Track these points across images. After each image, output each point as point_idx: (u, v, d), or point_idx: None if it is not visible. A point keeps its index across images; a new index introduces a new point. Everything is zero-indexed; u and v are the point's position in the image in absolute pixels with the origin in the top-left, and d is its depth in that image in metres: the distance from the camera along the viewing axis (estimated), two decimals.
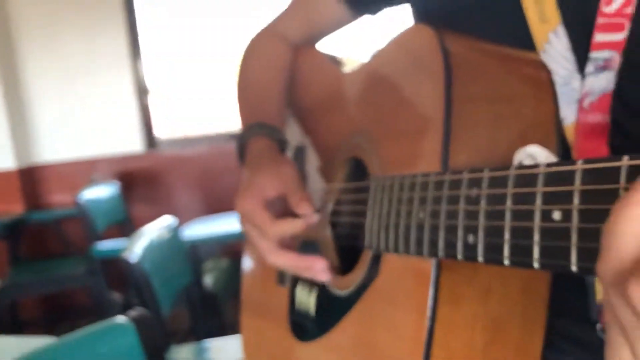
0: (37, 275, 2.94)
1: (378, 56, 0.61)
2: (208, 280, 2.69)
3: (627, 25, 0.52)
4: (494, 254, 0.35)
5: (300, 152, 0.79)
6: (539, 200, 0.32)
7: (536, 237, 0.32)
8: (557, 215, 0.30)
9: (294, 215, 0.59)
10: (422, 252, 0.43)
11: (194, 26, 3.54)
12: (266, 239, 0.60)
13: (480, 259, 0.36)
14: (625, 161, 0.27)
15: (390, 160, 0.55)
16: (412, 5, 0.70)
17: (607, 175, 0.28)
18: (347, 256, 0.63)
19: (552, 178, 0.31)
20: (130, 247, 1.55)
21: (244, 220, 0.63)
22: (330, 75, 0.76)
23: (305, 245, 0.70)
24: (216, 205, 3.35)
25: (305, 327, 0.67)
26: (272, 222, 0.59)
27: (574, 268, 0.29)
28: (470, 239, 0.37)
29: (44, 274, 2.94)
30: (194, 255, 2.56)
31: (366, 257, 0.55)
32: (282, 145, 0.71)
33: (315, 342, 0.64)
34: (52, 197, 3.42)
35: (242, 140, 0.72)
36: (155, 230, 1.75)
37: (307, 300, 0.67)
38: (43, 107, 3.40)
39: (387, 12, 0.78)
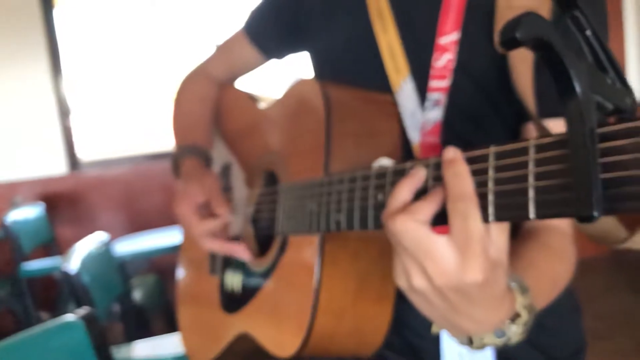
0: None
1: (282, 98, 0.84)
2: (136, 295, 2.79)
3: (450, 75, 0.76)
4: (350, 227, 0.58)
5: (227, 168, 1.00)
6: (371, 191, 0.55)
7: (370, 212, 0.54)
8: (380, 197, 0.53)
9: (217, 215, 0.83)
10: (312, 230, 0.65)
11: (116, 47, 3.64)
12: (200, 229, 0.83)
13: (344, 229, 0.59)
14: (492, 149, 0.43)
15: (294, 172, 0.77)
16: (310, 54, 0.93)
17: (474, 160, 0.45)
18: (265, 244, 0.84)
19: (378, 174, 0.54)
20: (68, 260, 1.67)
21: (181, 220, 0.85)
22: (248, 108, 0.98)
23: (234, 237, 0.91)
24: (140, 223, 3.46)
25: (233, 302, 0.87)
26: (198, 222, 0.84)
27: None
28: (339, 217, 0.59)
29: None
30: (122, 271, 2.67)
31: (277, 242, 0.77)
32: (207, 162, 0.93)
33: (240, 312, 0.84)
34: None
35: (176, 159, 0.94)
36: (89, 245, 1.88)
37: (234, 280, 0.88)
38: None
39: (290, 57, 1.01)
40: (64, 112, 3.54)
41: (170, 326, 2.66)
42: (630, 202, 0.32)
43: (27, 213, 3.04)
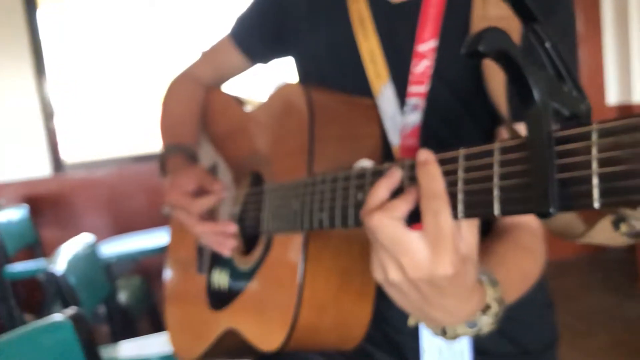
0: None
1: (267, 102, 0.87)
2: (122, 297, 2.80)
3: (428, 81, 0.79)
4: (332, 225, 0.61)
5: (214, 169, 1.03)
6: (352, 190, 0.58)
7: (351, 210, 0.57)
8: (360, 196, 0.56)
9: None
10: (296, 228, 0.68)
11: (100, 49, 3.64)
12: (191, 216, 0.84)
13: (326, 226, 0.62)
14: (462, 151, 0.47)
15: (279, 173, 0.79)
16: (294, 60, 0.96)
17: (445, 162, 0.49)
18: (251, 243, 0.87)
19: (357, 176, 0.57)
20: (54, 261, 1.69)
21: (173, 209, 0.87)
22: (234, 111, 1.00)
23: None
24: (125, 225, 3.46)
25: (220, 300, 0.90)
26: (192, 201, 0.85)
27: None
28: (321, 216, 0.63)
29: None
30: (108, 272, 2.68)
31: (262, 240, 0.80)
32: (193, 159, 0.95)
33: (227, 309, 0.87)
34: None
35: (163, 157, 0.96)
36: (75, 246, 1.89)
37: (221, 279, 0.90)
38: None
39: (276, 62, 1.04)
40: (47, 114, 3.53)
41: (156, 328, 2.68)
42: (583, 200, 0.36)
43: (10, 215, 3.03)
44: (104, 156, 3.68)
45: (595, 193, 0.35)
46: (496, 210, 0.41)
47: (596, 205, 0.35)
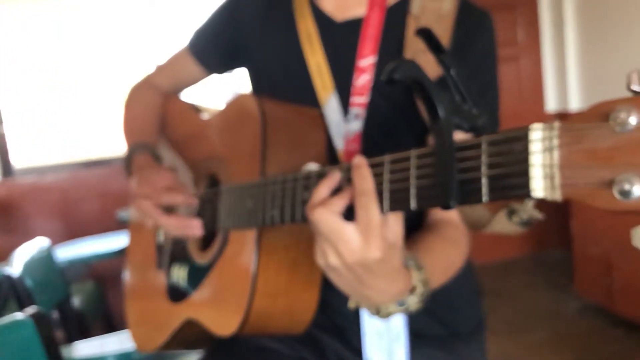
0: None
1: (224, 110, 0.95)
2: (76, 301, 2.80)
3: (368, 93, 0.89)
4: (282, 220, 0.69)
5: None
6: (299, 190, 0.67)
7: (298, 207, 0.66)
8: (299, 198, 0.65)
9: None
10: (250, 225, 0.76)
11: (51, 53, 3.62)
12: (157, 208, 0.87)
13: (277, 222, 0.70)
14: (387, 157, 0.57)
15: (234, 175, 0.88)
16: (248, 71, 1.04)
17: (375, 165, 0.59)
18: (208, 240, 0.94)
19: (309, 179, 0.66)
20: (10, 264, 1.71)
21: (138, 203, 0.89)
22: (192, 118, 1.08)
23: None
24: (77, 230, 3.45)
25: (179, 293, 0.97)
26: (163, 192, 0.87)
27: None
28: (273, 212, 0.71)
29: None
30: (62, 277, 2.68)
31: (219, 237, 0.88)
32: (158, 159, 1.01)
33: (186, 300, 0.94)
34: None
35: (128, 157, 1.02)
36: (31, 250, 1.91)
37: (180, 274, 0.98)
38: None
39: (231, 73, 1.12)
40: None
41: (110, 332, 2.69)
42: (475, 195, 0.46)
43: None
44: (55, 161, 3.65)
45: (484, 190, 0.45)
46: (412, 204, 0.51)
47: (485, 199, 0.45)
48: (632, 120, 0.38)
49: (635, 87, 0.38)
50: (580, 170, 0.40)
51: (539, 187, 0.42)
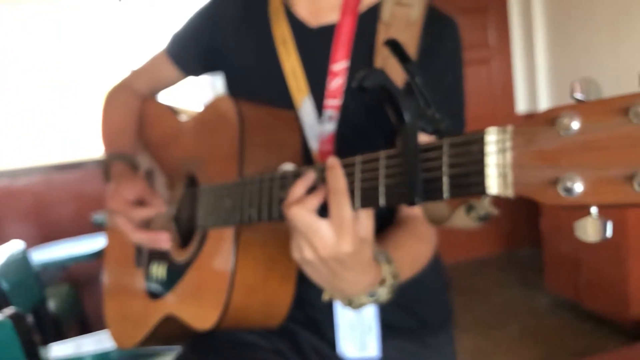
0: None
1: (201, 112, 0.98)
2: (51, 304, 2.79)
3: (341, 96, 0.93)
4: (260, 218, 0.73)
5: (150, 173, 1.12)
6: (276, 189, 0.70)
7: (275, 205, 0.70)
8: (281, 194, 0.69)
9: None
10: (229, 223, 0.80)
11: (24, 55, 3.58)
12: (130, 223, 0.92)
13: (255, 220, 0.74)
14: (358, 158, 0.61)
15: (212, 175, 0.91)
16: (225, 74, 1.07)
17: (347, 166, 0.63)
18: (186, 239, 0.97)
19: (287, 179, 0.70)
20: None
21: (112, 216, 0.94)
22: (169, 120, 1.11)
23: None
24: (52, 233, 3.42)
25: (158, 290, 1.00)
26: (133, 210, 0.93)
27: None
28: (250, 211, 0.75)
29: None
30: (37, 280, 2.66)
31: (197, 235, 0.91)
32: (134, 167, 1.04)
33: (165, 297, 0.97)
34: None
35: (106, 165, 1.04)
36: (6, 253, 1.90)
37: (159, 271, 1.00)
38: None
39: (207, 75, 1.15)
40: None
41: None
42: (437, 193, 0.50)
43: None
44: (28, 164, 3.62)
45: (445, 188, 0.49)
46: (381, 201, 0.55)
47: (445, 196, 0.49)
48: (574, 125, 0.42)
49: (577, 95, 0.43)
50: (530, 170, 0.44)
51: (493, 185, 0.46)
